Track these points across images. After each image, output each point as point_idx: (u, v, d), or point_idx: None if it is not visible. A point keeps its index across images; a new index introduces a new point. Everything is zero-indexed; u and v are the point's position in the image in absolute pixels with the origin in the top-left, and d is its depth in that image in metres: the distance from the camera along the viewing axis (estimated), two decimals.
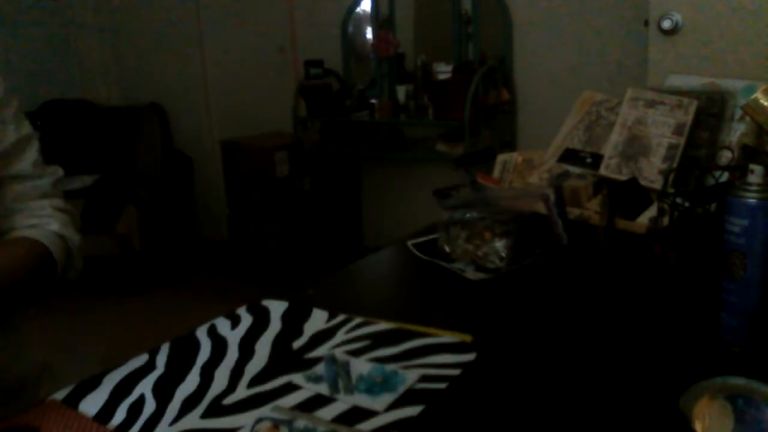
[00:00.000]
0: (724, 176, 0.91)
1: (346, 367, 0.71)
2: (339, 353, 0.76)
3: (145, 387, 0.72)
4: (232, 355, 0.79)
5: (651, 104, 1.13)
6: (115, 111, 3.87)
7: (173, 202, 3.75)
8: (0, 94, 0.89)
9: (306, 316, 0.88)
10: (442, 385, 0.70)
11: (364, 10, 3.34)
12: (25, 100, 0.94)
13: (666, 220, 0.87)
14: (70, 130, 3.79)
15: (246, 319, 0.88)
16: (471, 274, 1.02)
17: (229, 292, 3.29)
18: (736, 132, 1.09)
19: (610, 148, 1.14)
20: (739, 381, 0.63)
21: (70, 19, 3.99)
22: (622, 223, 0.98)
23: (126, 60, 4.07)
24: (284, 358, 0.78)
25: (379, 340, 0.80)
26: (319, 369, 0.73)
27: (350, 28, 3.37)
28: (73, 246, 0.94)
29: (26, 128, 0.93)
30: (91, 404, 0.69)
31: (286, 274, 3.19)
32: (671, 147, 1.09)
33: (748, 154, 1.03)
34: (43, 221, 0.91)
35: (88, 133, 3.79)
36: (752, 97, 0.99)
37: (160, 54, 3.92)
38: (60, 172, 0.98)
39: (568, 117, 1.26)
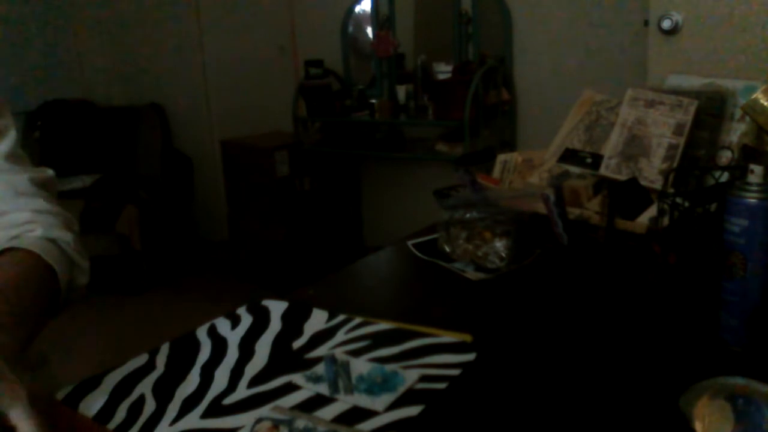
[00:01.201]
0: (724, 176, 0.91)
1: (346, 367, 0.71)
2: (339, 353, 0.76)
3: (145, 387, 0.72)
4: (232, 355, 0.79)
5: (651, 104, 1.13)
6: (115, 111, 3.87)
7: (173, 202, 3.76)
8: None
9: (306, 316, 0.88)
10: (442, 385, 0.70)
11: (364, 10, 3.35)
12: (25, 100, 0.91)
13: (666, 220, 0.87)
14: (70, 130, 3.79)
15: (246, 319, 0.88)
16: (471, 274, 1.02)
17: (229, 292, 3.29)
18: (736, 132, 1.09)
19: (610, 148, 1.14)
20: (739, 381, 0.63)
21: (70, 18, 3.99)
22: (622, 223, 0.98)
23: (126, 60, 4.07)
24: (284, 358, 0.78)
25: (379, 340, 0.80)
26: (319, 369, 0.73)
27: (350, 28, 3.37)
28: (66, 247, 0.82)
29: (2, 120, 0.85)
30: (91, 404, 0.69)
31: (286, 274, 3.19)
32: (671, 147, 1.09)
33: (748, 154, 1.03)
34: (25, 229, 0.80)
35: (88, 133, 3.79)
36: (752, 97, 0.99)
37: (160, 54, 3.92)
38: (49, 172, 0.88)
39: (568, 117, 1.26)
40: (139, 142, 3.74)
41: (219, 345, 0.82)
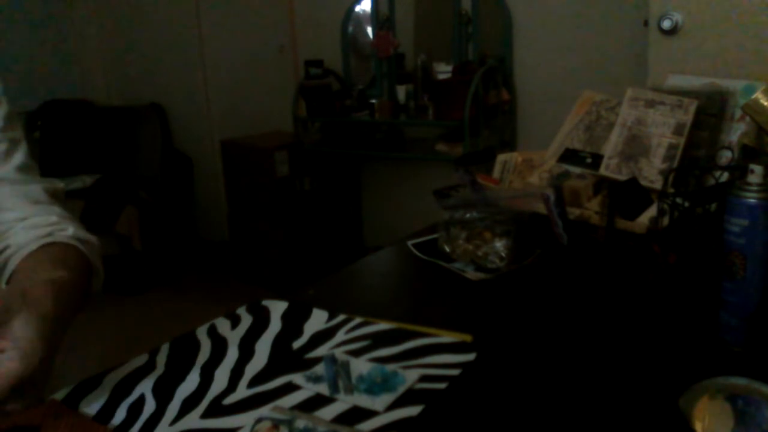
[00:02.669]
0: (724, 176, 0.91)
1: (346, 367, 0.71)
2: (339, 353, 0.76)
3: (145, 387, 0.72)
4: (232, 355, 0.79)
5: (651, 104, 1.13)
6: (115, 111, 3.87)
7: (173, 202, 3.76)
8: None
9: (306, 316, 0.88)
10: (442, 385, 0.70)
11: (364, 10, 3.34)
12: (25, 100, 0.90)
13: (666, 220, 0.87)
14: (70, 130, 3.79)
15: (246, 319, 0.88)
16: (471, 274, 1.02)
17: (229, 292, 3.29)
18: (736, 132, 1.09)
19: (610, 148, 1.14)
20: (739, 381, 0.63)
21: (70, 19, 3.99)
22: (622, 223, 0.98)
23: (126, 60, 4.07)
24: (284, 358, 0.78)
25: (379, 340, 0.80)
26: (319, 369, 0.73)
27: (350, 28, 3.37)
28: (92, 249, 0.83)
29: (14, 132, 0.87)
30: (91, 404, 0.69)
31: (286, 274, 3.19)
32: (671, 147, 1.09)
33: (748, 154, 1.03)
34: (56, 228, 0.81)
35: (88, 133, 3.79)
36: (752, 97, 0.99)
37: (160, 54, 3.92)
38: (59, 184, 0.90)
39: (568, 117, 1.26)
40: (139, 142, 3.74)
41: (219, 345, 0.82)
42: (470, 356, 0.75)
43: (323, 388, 0.69)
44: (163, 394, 0.71)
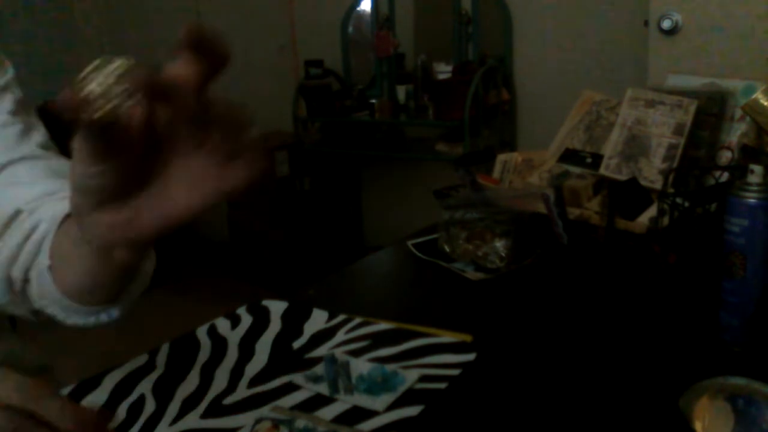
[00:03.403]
0: (724, 176, 0.91)
1: (346, 367, 0.71)
2: (339, 353, 0.76)
3: (145, 387, 0.72)
4: (232, 355, 0.79)
5: (651, 104, 1.13)
6: None
7: None
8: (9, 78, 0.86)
9: (306, 316, 0.88)
10: (442, 385, 0.70)
11: (364, 10, 3.34)
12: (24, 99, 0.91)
13: (666, 220, 0.87)
14: (70, 131, 3.79)
15: (246, 319, 0.88)
16: (471, 274, 1.02)
17: (229, 292, 3.29)
18: (736, 132, 1.09)
19: (610, 148, 1.14)
20: (739, 381, 0.63)
21: (71, 19, 3.99)
22: (622, 223, 0.98)
23: None
24: (284, 358, 0.78)
25: (379, 340, 0.80)
26: (319, 369, 0.73)
27: (350, 28, 3.37)
28: None
29: (29, 116, 0.85)
30: (91, 404, 0.69)
31: (286, 275, 3.19)
32: (671, 147, 1.09)
33: (748, 154, 1.04)
34: None
35: None
36: (752, 97, 0.99)
37: (161, 54, 3.91)
38: None
39: (568, 117, 1.26)
40: None
41: (219, 345, 0.82)
42: (470, 356, 0.75)
43: (323, 388, 0.69)
44: (163, 394, 0.71)
